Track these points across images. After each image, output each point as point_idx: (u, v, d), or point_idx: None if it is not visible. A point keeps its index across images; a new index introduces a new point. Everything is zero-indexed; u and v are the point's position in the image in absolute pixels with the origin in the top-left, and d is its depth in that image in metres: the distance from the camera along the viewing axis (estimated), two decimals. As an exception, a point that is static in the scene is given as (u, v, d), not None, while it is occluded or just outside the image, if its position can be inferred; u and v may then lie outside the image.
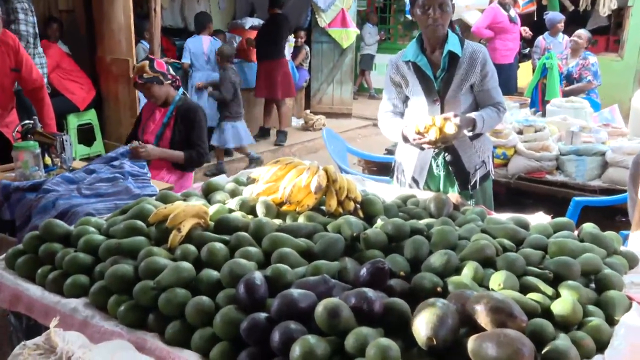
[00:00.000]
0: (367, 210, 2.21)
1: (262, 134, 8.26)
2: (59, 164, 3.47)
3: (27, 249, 1.99)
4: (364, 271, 1.60)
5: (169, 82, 3.77)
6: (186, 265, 1.67)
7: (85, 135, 6.70)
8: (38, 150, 3.28)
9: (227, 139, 6.82)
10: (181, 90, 3.88)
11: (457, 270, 1.69)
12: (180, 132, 3.74)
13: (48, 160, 3.51)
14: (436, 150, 2.84)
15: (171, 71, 3.83)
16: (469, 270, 1.66)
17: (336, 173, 2.25)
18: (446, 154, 2.85)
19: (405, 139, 2.74)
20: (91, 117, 6.69)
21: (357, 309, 1.40)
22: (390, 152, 4.95)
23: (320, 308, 1.38)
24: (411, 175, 2.94)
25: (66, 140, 3.39)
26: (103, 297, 1.70)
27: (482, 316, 1.35)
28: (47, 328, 1.42)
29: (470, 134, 2.68)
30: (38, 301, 1.80)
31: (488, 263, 1.73)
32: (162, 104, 3.82)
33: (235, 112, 6.81)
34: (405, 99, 2.89)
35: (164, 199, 2.28)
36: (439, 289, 1.57)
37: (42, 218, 2.60)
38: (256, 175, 2.46)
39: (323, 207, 2.25)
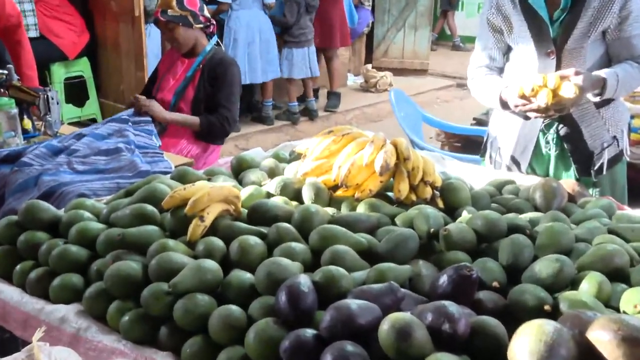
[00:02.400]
0: (449, 199, 2.21)
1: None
2: (42, 128, 3.58)
3: (1, 239, 2.07)
4: (444, 279, 1.61)
5: (201, 25, 3.81)
6: (210, 264, 1.71)
7: (75, 92, 6.83)
8: (15, 110, 3.39)
9: (282, 68, 7.55)
10: (215, 38, 3.92)
11: (573, 284, 1.67)
12: (207, 90, 3.80)
13: (27, 123, 3.63)
14: (547, 121, 2.80)
15: (205, 12, 3.87)
16: (590, 285, 1.64)
17: (408, 149, 2.25)
18: (561, 126, 2.80)
19: (505, 105, 2.71)
20: (83, 68, 6.83)
21: (434, 329, 1.41)
22: (481, 122, 4.90)
23: (385, 326, 1.39)
24: (510, 154, 2.92)
25: (52, 98, 3.47)
26: (101, 304, 1.76)
27: (609, 348, 1.33)
28: (26, 343, 1.47)
29: (598, 99, 2.63)
30: (15, 307, 1.87)
31: (618, 275, 1.70)
32: (188, 53, 3.87)
33: (297, 37, 7.47)
34: (507, 50, 2.86)
35: (182, 177, 2.33)
36: (547, 307, 1.56)
37: (21, 199, 2.70)
38: (303, 149, 2.49)
39: (390, 194, 2.27)
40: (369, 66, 9.43)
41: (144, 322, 1.67)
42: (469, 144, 4.70)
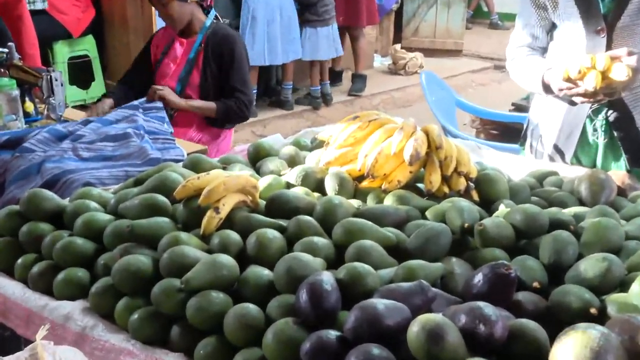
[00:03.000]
0: (485, 191, 2.20)
1: (332, 78, 8.29)
2: (45, 112, 3.62)
3: (1, 230, 2.10)
4: (479, 278, 1.60)
5: None
6: (226, 260, 1.73)
7: (80, 73, 6.88)
8: (16, 92, 3.42)
9: (305, 50, 7.52)
10: (213, 12, 3.91)
11: (622, 286, 1.66)
12: (213, 72, 3.79)
13: (29, 106, 3.66)
14: (595, 107, 2.78)
15: None
16: (641, 286, 1.63)
17: (441, 136, 2.25)
18: (610, 111, 2.77)
19: (548, 89, 2.69)
20: (88, 46, 6.87)
21: (469, 333, 1.41)
22: (520, 108, 4.87)
23: (415, 328, 1.39)
24: (553, 143, 2.90)
25: (56, 79, 3.49)
26: (109, 301, 1.78)
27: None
28: (29, 342, 1.49)
29: (653, 82, 2.60)
30: (17, 303, 1.89)
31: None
32: (185, 31, 3.85)
33: (321, 15, 7.48)
34: (551, 28, 2.83)
35: (195, 165, 2.35)
36: (593, 310, 1.55)
37: (23, 187, 2.74)
38: (325, 136, 2.50)
39: (420, 185, 2.27)
40: (398, 46, 9.41)
41: (154, 321, 1.69)
42: (507, 132, 4.68)
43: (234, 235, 1.86)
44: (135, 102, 3.46)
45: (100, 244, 1.95)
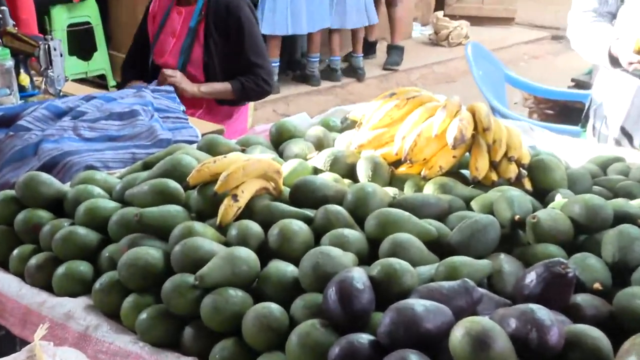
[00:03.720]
0: (539, 179, 2.20)
1: (365, 50, 8.25)
2: (42, 85, 3.63)
3: (-5, 218, 2.14)
4: (531, 278, 1.60)
5: None
6: (245, 253, 1.74)
7: (81, 42, 6.88)
8: (10, 63, 3.44)
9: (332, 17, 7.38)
10: None
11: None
12: (218, 45, 3.77)
13: (25, 79, 3.68)
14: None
15: None
16: None
17: (489, 116, 2.25)
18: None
19: (615, 61, 2.67)
20: (90, 12, 6.87)
21: (519, 339, 1.41)
22: (581, 84, 4.84)
23: (458, 333, 1.39)
24: (620, 125, 2.88)
25: (54, 49, 3.48)
26: (114, 298, 1.80)
27: None
28: (25, 343, 1.51)
29: None
30: (12, 300, 1.92)
31: None
32: None
33: None
34: (621, -7, 2.81)
35: (211, 148, 2.36)
36: (663, 316, 1.55)
37: (19, 170, 2.75)
38: (358, 115, 2.50)
39: (465, 172, 2.27)
40: (440, 14, 9.35)
41: (164, 321, 1.71)
42: (566, 112, 4.66)
43: (254, 226, 1.88)
44: (143, 87, 3.46)
45: (105, 234, 1.98)
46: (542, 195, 2.16)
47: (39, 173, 2.18)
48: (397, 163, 2.26)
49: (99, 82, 6.91)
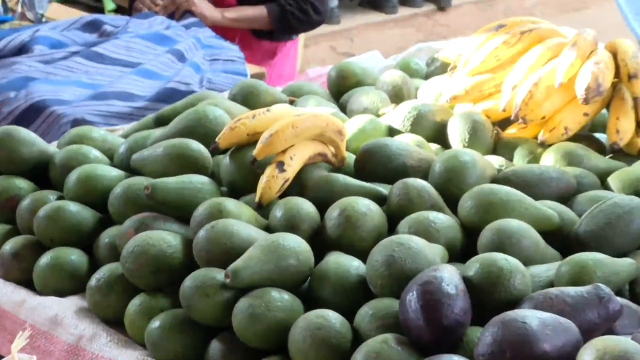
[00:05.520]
0: None
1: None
2: (18, 8, 3.68)
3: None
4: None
5: None
6: (294, 242, 1.74)
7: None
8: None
9: None
10: None
11: None
12: None
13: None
14: None
15: None
16: None
17: (637, 58, 2.22)
18: None
19: None
20: None
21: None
22: None
23: (588, 357, 1.39)
24: None
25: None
26: (116, 299, 1.82)
27: None
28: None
29: None
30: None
31: None
32: None
33: None
34: None
35: (248, 98, 2.38)
36: None
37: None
38: (450, 55, 2.49)
39: (601, 136, 2.26)
40: None
41: (184, 332, 1.72)
42: None
43: (306, 206, 1.88)
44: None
45: (105, 212, 2.00)
46: None
47: (17, 128, 2.20)
48: (504, 123, 2.26)
49: (93, 4, 6.93)
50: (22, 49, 3.05)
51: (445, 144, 2.23)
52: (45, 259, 1.92)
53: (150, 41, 3.08)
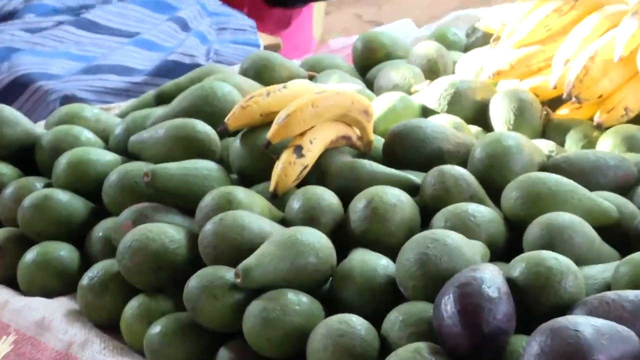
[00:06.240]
0: None
1: None
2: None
3: None
4: None
5: None
6: (313, 238, 1.74)
7: None
8: None
9: None
10: None
11: None
12: None
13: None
14: None
15: None
16: None
17: None
18: None
19: None
20: None
21: None
22: None
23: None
24: None
25: None
26: (111, 301, 1.83)
27: None
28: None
29: None
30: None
31: None
32: None
33: None
34: None
35: (261, 72, 2.39)
36: None
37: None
38: (493, 24, 2.49)
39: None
40: None
41: (188, 338, 1.72)
42: None
43: (328, 196, 1.88)
44: None
45: (98, 202, 2.01)
46: None
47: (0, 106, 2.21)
48: (556, 102, 2.26)
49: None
50: (11, 17, 3.06)
51: (486, 126, 2.23)
52: (31, 254, 1.93)
53: (148, 8, 3.06)
